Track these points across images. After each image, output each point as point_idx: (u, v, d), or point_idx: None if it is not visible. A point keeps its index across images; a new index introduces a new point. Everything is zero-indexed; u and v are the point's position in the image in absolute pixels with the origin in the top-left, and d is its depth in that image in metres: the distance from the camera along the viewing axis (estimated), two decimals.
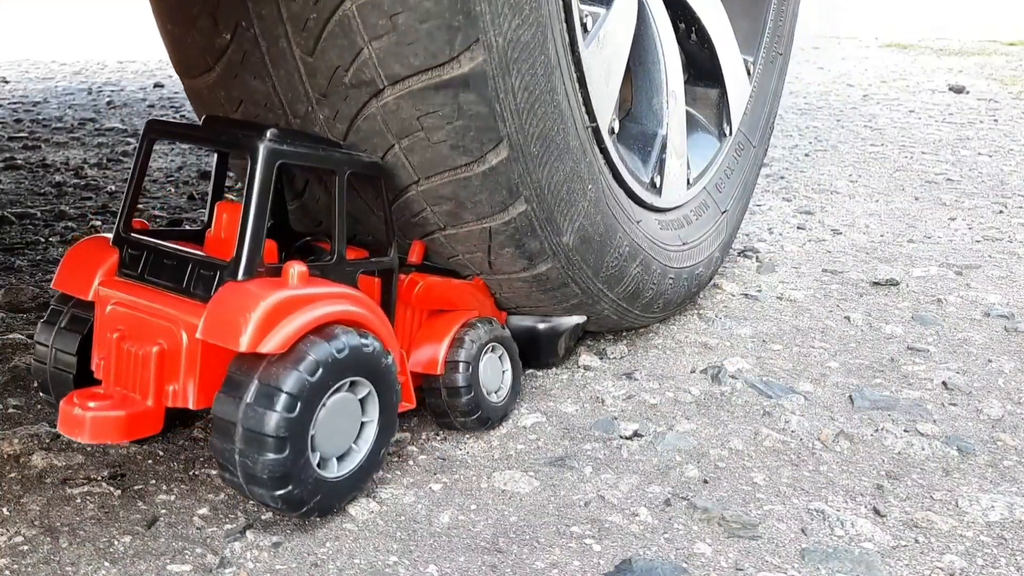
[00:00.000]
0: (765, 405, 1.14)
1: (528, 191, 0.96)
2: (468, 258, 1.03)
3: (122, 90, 3.33)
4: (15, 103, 2.94)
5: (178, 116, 2.96)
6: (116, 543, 0.83)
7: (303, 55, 0.86)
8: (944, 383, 1.21)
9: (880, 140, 2.73)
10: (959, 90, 3.53)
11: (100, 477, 0.92)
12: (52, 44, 4.36)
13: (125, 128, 2.72)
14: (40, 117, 2.75)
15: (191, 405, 0.82)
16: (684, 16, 1.41)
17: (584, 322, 1.20)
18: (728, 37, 1.47)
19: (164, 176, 2.20)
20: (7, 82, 3.30)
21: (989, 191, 2.20)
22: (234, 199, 0.92)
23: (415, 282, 1.00)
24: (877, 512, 0.92)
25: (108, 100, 3.13)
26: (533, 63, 0.91)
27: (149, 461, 0.96)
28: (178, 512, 0.88)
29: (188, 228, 0.97)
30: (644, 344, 1.31)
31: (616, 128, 1.15)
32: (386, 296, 0.96)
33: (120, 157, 2.38)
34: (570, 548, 0.85)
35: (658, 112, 1.28)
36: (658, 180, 1.27)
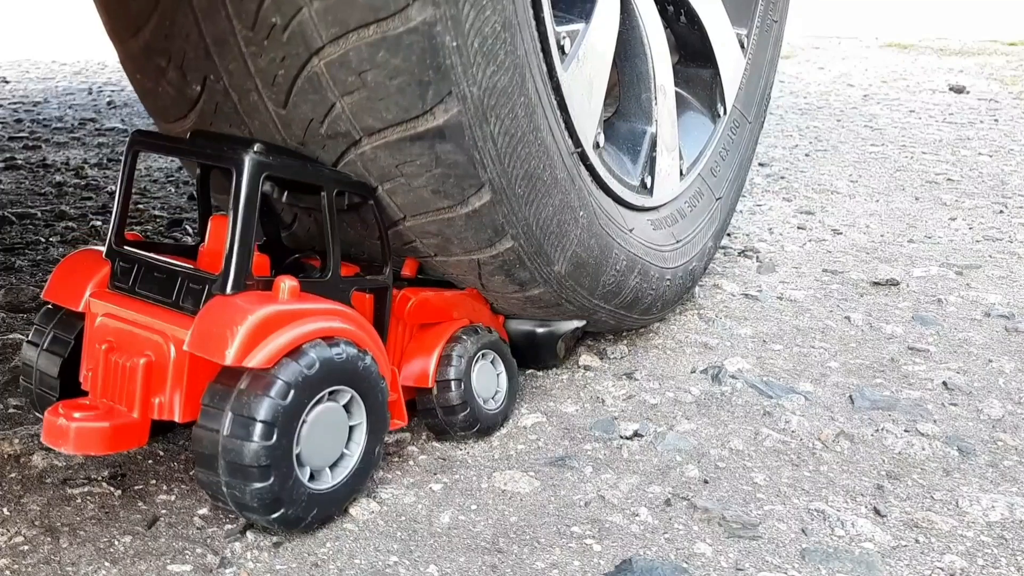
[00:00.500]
0: (765, 405, 1.14)
1: (515, 229, 0.95)
2: (461, 279, 1.03)
3: (122, 90, 3.33)
4: (15, 103, 2.94)
5: None
6: (116, 543, 0.83)
7: (276, 108, 0.85)
8: (944, 383, 1.21)
9: (880, 140, 2.73)
10: (959, 90, 3.53)
11: (100, 477, 0.92)
12: (52, 44, 4.35)
13: (125, 128, 2.72)
14: (40, 117, 2.75)
15: (177, 418, 0.81)
16: None
17: (583, 325, 1.20)
18: (719, 14, 1.42)
19: (164, 176, 2.20)
20: (7, 82, 3.30)
21: (989, 191, 2.20)
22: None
23: (407, 298, 0.99)
24: (877, 512, 0.92)
25: (108, 100, 3.13)
26: (512, 107, 0.88)
27: (149, 461, 0.96)
28: (178, 512, 0.88)
29: (183, 243, 0.97)
30: (644, 344, 1.31)
31: (601, 142, 1.11)
32: (379, 313, 0.95)
33: (120, 157, 2.38)
34: (570, 548, 0.85)
35: (647, 109, 1.24)
36: (649, 180, 1.24)
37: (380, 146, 0.84)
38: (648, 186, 1.24)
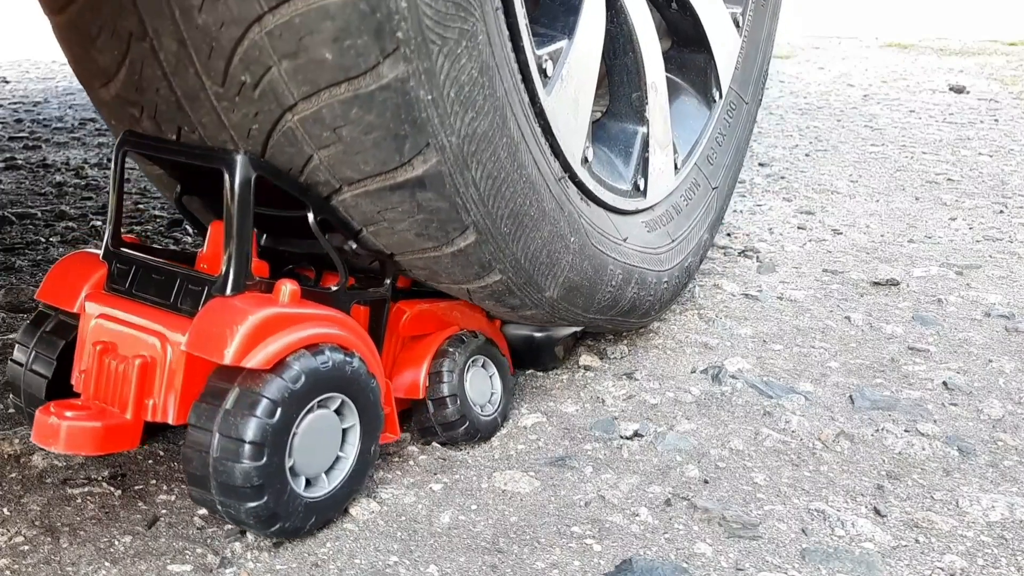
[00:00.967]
0: (765, 405, 1.14)
1: (502, 264, 0.93)
2: (456, 295, 1.02)
3: None
4: (15, 103, 2.94)
5: None
6: (116, 543, 0.83)
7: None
8: (945, 383, 1.21)
9: (880, 140, 2.73)
10: (960, 90, 3.53)
11: (100, 477, 0.92)
12: (52, 44, 4.35)
13: None
14: (40, 117, 2.75)
15: (171, 420, 0.81)
16: None
17: (582, 328, 1.19)
18: None
19: None
20: (7, 82, 3.30)
21: (990, 191, 2.20)
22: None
23: (402, 311, 0.99)
24: (878, 512, 0.92)
25: None
26: (494, 150, 0.86)
27: (149, 461, 0.96)
28: (179, 512, 0.88)
29: (180, 249, 0.96)
30: (644, 344, 1.31)
31: (590, 156, 1.07)
32: (375, 324, 0.95)
33: None
34: (570, 548, 0.85)
35: (638, 108, 1.21)
36: (642, 183, 1.21)
37: (360, 194, 0.83)
38: (641, 188, 1.21)
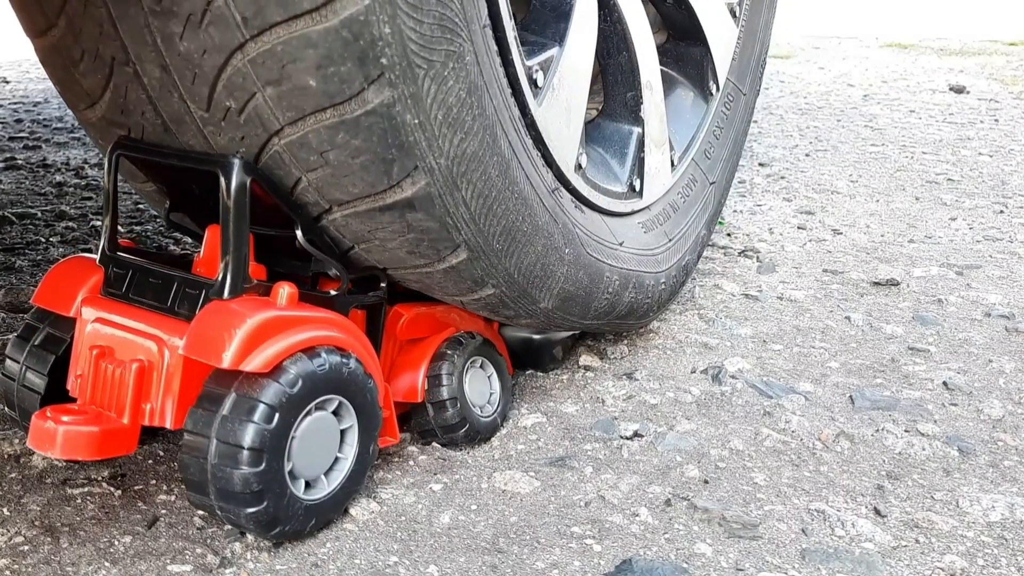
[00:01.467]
0: (765, 405, 1.14)
1: (495, 280, 0.93)
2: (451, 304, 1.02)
3: None
4: (15, 103, 2.94)
5: None
6: (116, 543, 0.83)
7: None
8: (945, 383, 1.21)
9: (881, 140, 2.73)
10: (960, 90, 3.53)
11: (100, 477, 0.92)
12: None
13: None
14: (41, 117, 2.75)
15: (168, 424, 0.81)
16: None
17: (580, 331, 1.19)
18: None
19: None
20: (7, 82, 3.30)
21: (990, 191, 2.20)
22: None
23: (399, 315, 0.99)
24: (878, 512, 0.92)
25: None
26: (484, 169, 0.85)
27: (149, 461, 0.96)
28: (179, 512, 0.88)
29: (181, 251, 0.96)
30: (644, 344, 1.31)
31: (584, 163, 1.06)
32: (372, 327, 0.95)
33: None
34: (570, 548, 0.85)
35: (633, 108, 1.19)
36: (638, 183, 1.19)
37: (350, 215, 0.83)
38: (637, 189, 1.20)
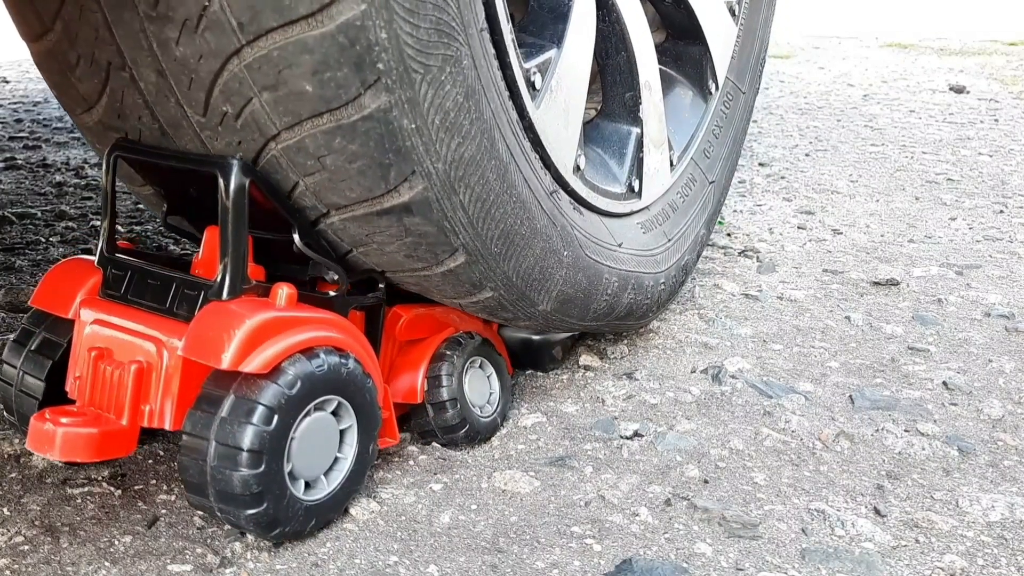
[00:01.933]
0: (765, 405, 1.14)
1: (493, 283, 0.92)
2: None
3: None
4: (15, 103, 2.94)
5: None
6: (116, 543, 0.83)
7: None
8: (944, 383, 1.21)
9: (880, 140, 2.73)
10: (960, 90, 3.52)
11: (100, 477, 0.92)
12: None
13: None
14: (41, 117, 2.75)
15: (168, 426, 0.81)
16: None
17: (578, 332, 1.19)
18: None
19: None
20: (7, 82, 3.30)
21: (990, 191, 2.20)
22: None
23: (398, 316, 0.99)
24: (877, 512, 0.92)
25: None
26: (482, 173, 0.85)
27: (150, 461, 0.96)
28: (179, 512, 0.88)
29: (177, 254, 0.96)
30: (644, 344, 1.31)
31: (582, 164, 1.06)
32: (371, 328, 0.95)
33: None
34: (570, 548, 0.85)
35: (632, 108, 1.18)
36: (636, 184, 1.19)
37: (348, 219, 0.83)
38: (636, 190, 1.19)
